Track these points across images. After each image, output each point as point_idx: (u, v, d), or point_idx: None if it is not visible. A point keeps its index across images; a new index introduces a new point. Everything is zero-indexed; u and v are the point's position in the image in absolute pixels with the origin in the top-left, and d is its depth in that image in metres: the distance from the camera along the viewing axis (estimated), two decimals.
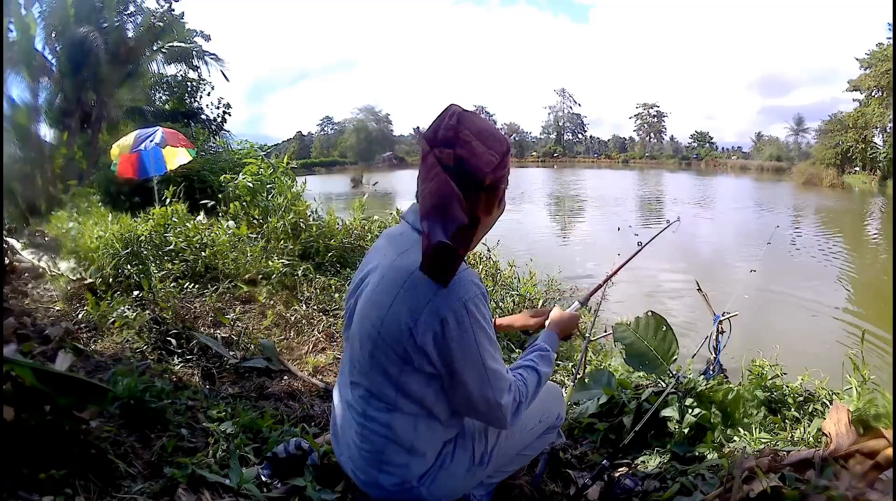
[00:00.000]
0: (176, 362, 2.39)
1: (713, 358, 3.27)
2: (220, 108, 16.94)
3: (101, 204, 7.04)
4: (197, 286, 3.52)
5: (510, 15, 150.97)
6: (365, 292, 1.14)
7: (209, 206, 5.48)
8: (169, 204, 4.62)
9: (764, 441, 1.81)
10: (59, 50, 11.14)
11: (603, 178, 42.94)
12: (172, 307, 2.83)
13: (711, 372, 3.09)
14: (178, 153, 5.97)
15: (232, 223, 4.61)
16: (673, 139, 74.00)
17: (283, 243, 4.46)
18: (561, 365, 2.95)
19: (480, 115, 1.11)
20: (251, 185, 5.24)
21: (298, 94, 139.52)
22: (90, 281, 3.44)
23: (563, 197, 26.31)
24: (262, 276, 3.85)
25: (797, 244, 12.61)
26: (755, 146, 63.65)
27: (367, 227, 5.19)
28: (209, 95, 16.80)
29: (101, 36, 11.01)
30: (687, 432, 1.91)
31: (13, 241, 4.74)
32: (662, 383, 2.19)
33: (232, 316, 3.00)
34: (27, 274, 3.94)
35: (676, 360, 2.22)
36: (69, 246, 4.30)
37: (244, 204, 5.07)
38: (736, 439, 1.88)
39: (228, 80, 14.41)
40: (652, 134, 74.87)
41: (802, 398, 2.29)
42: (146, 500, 1.30)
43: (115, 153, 5.99)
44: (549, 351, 1.32)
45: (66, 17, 10.99)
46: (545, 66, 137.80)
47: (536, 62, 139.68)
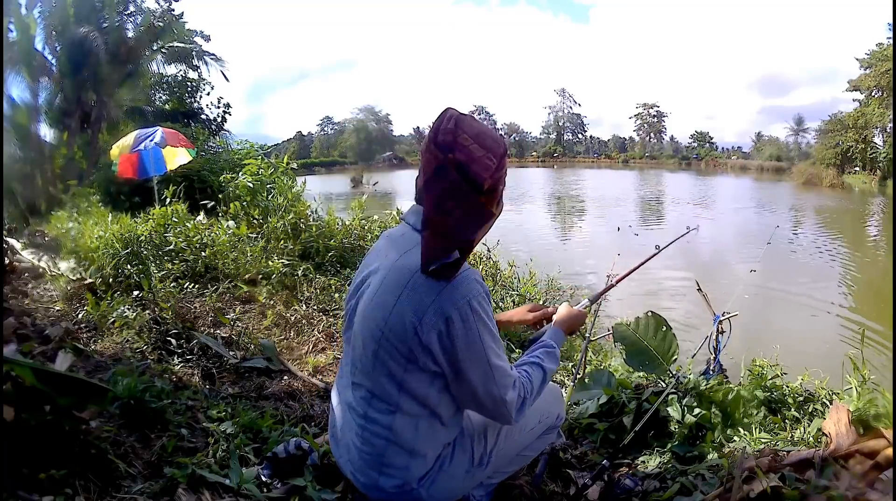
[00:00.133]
0: (176, 362, 2.39)
1: (713, 358, 3.27)
2: (220, 108, 16.98)
3: (101, 204, 7.03)
4: (197, 286, 3.52)
5: (510, 15, 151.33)
6: (367, 292, 1.15)
7: (209, 206, 5.48)
8: (169, 204, 4.62)
9: (764, 441, 1.82)
10: (59, 50, 11.14)
11: (603, 178, 42.94)
12: (172, 307, 2.83)
13: (711, 372, 3.09)
14: (178, 153, 5.98)
15: (232, 223, 4.60)
16: (673, 139, 74.04)
17: (283, 243, 4.46)
18: (561, 365, 2.94)
19: (480, 115, 1.12)
20: (251, 185, 5.23)
21: (298, 94, 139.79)
22: (90, 281, 3.44)
23: (563, 197, 26.32)
24: (262, 276, 3.85)
25: (797, 244, 12.62)
26: (755, 146, 63.64)
27: (367, 227, 5.18)
28: (209, 95, 16.86)
29: (101, 36, 11.01)
30: (687, 432, 1.92)
31: (13, 241, 4.74)
32: (662, 383, 2.20)
33: (232, 316, 3.00)
34: (27, 274, 3.94)
35: (676, 360, 2.22)
36: (69, 246, 4.30)
37: (244, 204, 5.07)
38: (736, 439, 1.88)
39: (228, 80, 14.47)
40: (652, 134, 74.84)
41: (802, 398, 2.29)
42: (146, 500, 1.30)
43: (115, 153, 5.99)
44: (554, 348, 1.33)
45: (66, 17, 11.00)
46: (545, 66, 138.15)
47: (536, 62, 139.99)
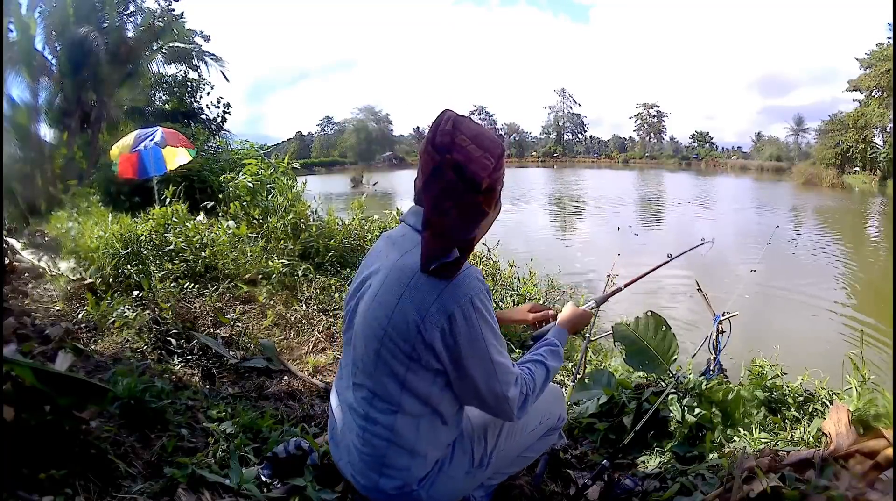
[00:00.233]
0: (176, 362, 2.39)
1: (713, 358, 3.27)
2: (220, 108, 16.95)
3: (101, 204, 7.04)
4: (197, 286, 3.52)
5: (510, 15, 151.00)
6: (368, 293, 1.15)
7: (209, 206, 5.48)
8: (169, 204, 4.61)
9: (764, 441, 1.82)
10: (59, 50, 11.15)
11: (603, 178, 42.93)
12: (172, 307, 2.83)
13: (711, 372, 3.09)
14: (178, 153, 5.97)
15: (232, 223, 4.60)
16: (673, 139, 73.99)
17: (283, 243, 4.46)
18: (561, 365, 2.94)
19: (480, 115, 1.12)
20: (251, 185, 5.24)
21: (298, 94, 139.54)
22: (90, 281, 3.44)
23: (563, 197, 26.32)
24: (262, 276, 3.85)
25: (797, 244, 12.62)
26: (755, 146, 63.62)
27: (367, 227, 5.19)
28: (209, 95, 16.82)
29: (101, 36, 11.02)
30: (687, 432, 1.92)
31: (13, 241, 4.75)
32: (662, 383, 2.20)
33: (232, 316, 3.00)
34: (27, 274, 3.94)
35: (676, 360, 2.22)
36: (69, 246, 4.30)
37: (244, 204, 5.07)
38: (736, 439, 1.88)
39: (228, 80, 14.45)
40: (652, 134, 74.80)
41: (802, 398, 2.29)
42: (146, 500, 1.30)
43: (115, 153, 5.99)
44: (558, 346, 1.34)
45: (66, 17, 11.00)
46: (545, 66, 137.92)
47: (536, 62, 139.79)
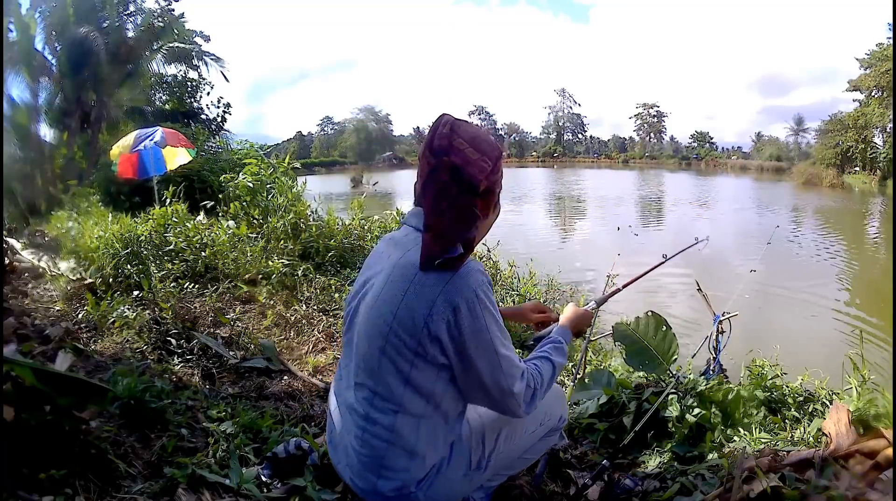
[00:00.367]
0: (176, 362, 2.39)
1: (713, 358, 3.27)
2: (220, 108, 16.93)
3: (101, 204, 7.05)
4: (197, 286, 3.52)
5: (510, 15, 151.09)
6: (371, 291, 1.15)
7: (209, 206, 5.48)
8: (169, 204, 4.61)
9: (764, 441, 1.81)
10: (59, 50, 11.15)
11: (603, 178, 42.91)
12: (172, 307, 2.83)
13: (711, 372, 3.09)
14: (178, 153, 5.97)
15: (232, 223, 4.61)
16: (673, 139, 73.97)
17: (283, 243, 4.46)
18: None
19: (480, 115, 1.14)
20: (251, 185, 5.23)
21: (298, 94, 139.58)
22: (90, 281, 3.44)
23: (563, 197, 26.32)
24: (262, 276, 3.85)
25: (797, 244, 12.62)
26: (755, 146, 63.60)
27: (367, 227, 5.19)
28: (209, 95, 16.80)
29: (101, 36, 11.02)
30: (687, 432, 1.91)
31: (13, 241, 4.75)
32: (663, 383, 2.20)
33: (232, 316, 3.00)
34: (27, 274, 3.94)
35: (676, 360, 2.22)
36: (69, 246, 4.30)
37: (244, 204, 5.07)
38: (736, 439, 1.88)
39: (228, 81, 14.42)
40: (652, 134, 74.79)
41: (802, 398, 2.29)
42: (146, 500, 1.30)
43: (115, 153, 5.99)
44: (562, 343, 1.34)
45: (66, 17, 11.01)
46: (545, 66, 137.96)
47: (536, 62, 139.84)
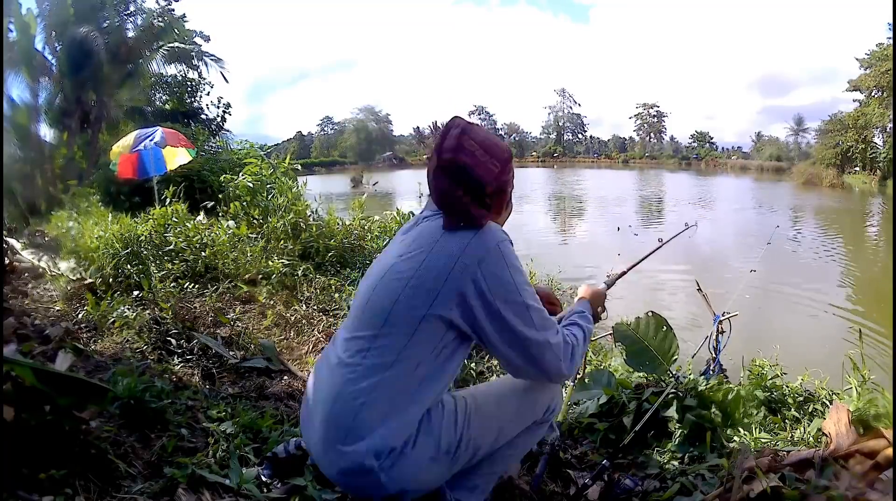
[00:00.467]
0: (176, 362, 2.39)
1: (713, 358, 3.27)
2: (220, 108, 16.95)
3: (101, 204, 7.04)
4: (197, 286, 3.52)
5: (510, 15, 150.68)
6: (392, 248, 1.21)
7: (209, 206, 5.48)
8: (169, 204, 4.61)
9: (764, 440, 1.82)
10: (59, 50, 11.15)
11: (603, 178, 42.90)
12: (172, 307, 2.83)
13: (711, 372, 3.10)
14: (178, 153, 5.97)
15: (232, 223, 4.60)
16: (673, 139, 73.90)
17: (283, 243, 4.46)
18: None
19: (480, 115, 1.18)
20: (251, 185, 5.24)
21: (298, 94, 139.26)
22: (90, 281, 3.44)
23: (563, 197, 26.32)
24: (262, 276, 3.85)
25: (797, 244, 12.62)
26: (755, 146, 63.57)
27: (367, 227, 5.19)
28: (209, 95, 16.81)
29: (101, 36, 11.02)
30: (687, 432, 1.91)
31: (13, 241, 4.75)
32: (663, 383, 2.20)
33: (232, 316, 3.00)
34: (27, 274, 3.95)
35: (676, 360, 2.22)
36: (69, 246, 4.30)
37: (244, 204, 5.07)
38: (736, 439, 1.88)
39: (228, 82, 14.38)
40: (652, 134, 74.75)
41: (802, 398, 2.29)
42: (146, 500, 1.30)
43: (115, 153, 5.99)
44: (585, 312, 1.37)
45: (66, 17, 11.00)
46: (545, 66, 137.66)
47: (536, 62, 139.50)
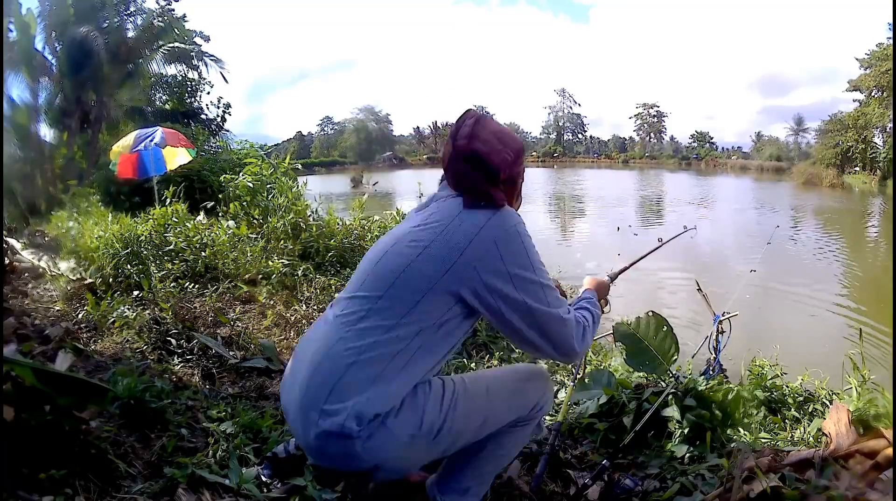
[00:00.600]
0: (176, 362, 2.39)
1: (713, 358, 3.28)
2: (220, 108, 16.94)
3: (101, 204, 7.03)
4: (197, 286, 3.52)
5: (510, 15, 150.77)
6: (409, 221, 1.24)
7: (209, 206, 5.48)
8: (169, 204, 4.61)
9: (764, 440, 1.82)
10: (59, 50, 11.14)
11: (603, 178, 42.87)
12: (172, 307, 2.83)
13: (711, 372, 3.10)
14: (178, 153, 5.97)
15: (232, 223, 4.60)
16: (673, 139, 73.87)
17: (283, 243, 4.46)
18: (560, 365, 2.94)
19: None
20: (251, 185, 5.23)
21: (298, 94, 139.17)
22: (90, 281, 3.44)
23: (563, 197, 26.32)
24: (262, 276, 3.85)
25: (797, 244, 12.62)
26: (755, 146, 63.55)
27: (367, 227, 5.18)
28: (209, 95, 16.82)
29: (101, 36, 11.01)
30: (687, 432, 1.91)
31: (13, 241, 4.75)
32: (662, 383, 2.19)
33: (232, 316, 2.99)
34: (27, 274, 3.95)
35: (676, 360, 2.22)
36: (69, 246, 4.30)
37: (244, 204, 5.07)
38: (736, 439, 1.88)
39: (228, 82, 14.37)
40: (652, 134, 74.71)
41: (802, 398, 2.29)
42: (146, 500, 1.30)
43: (115, 153, 5.98)
44: (593, 298, 1.41)
45: (66, 16, 11.00)
46: (545, 66, 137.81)
47: (536, 62, 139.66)
